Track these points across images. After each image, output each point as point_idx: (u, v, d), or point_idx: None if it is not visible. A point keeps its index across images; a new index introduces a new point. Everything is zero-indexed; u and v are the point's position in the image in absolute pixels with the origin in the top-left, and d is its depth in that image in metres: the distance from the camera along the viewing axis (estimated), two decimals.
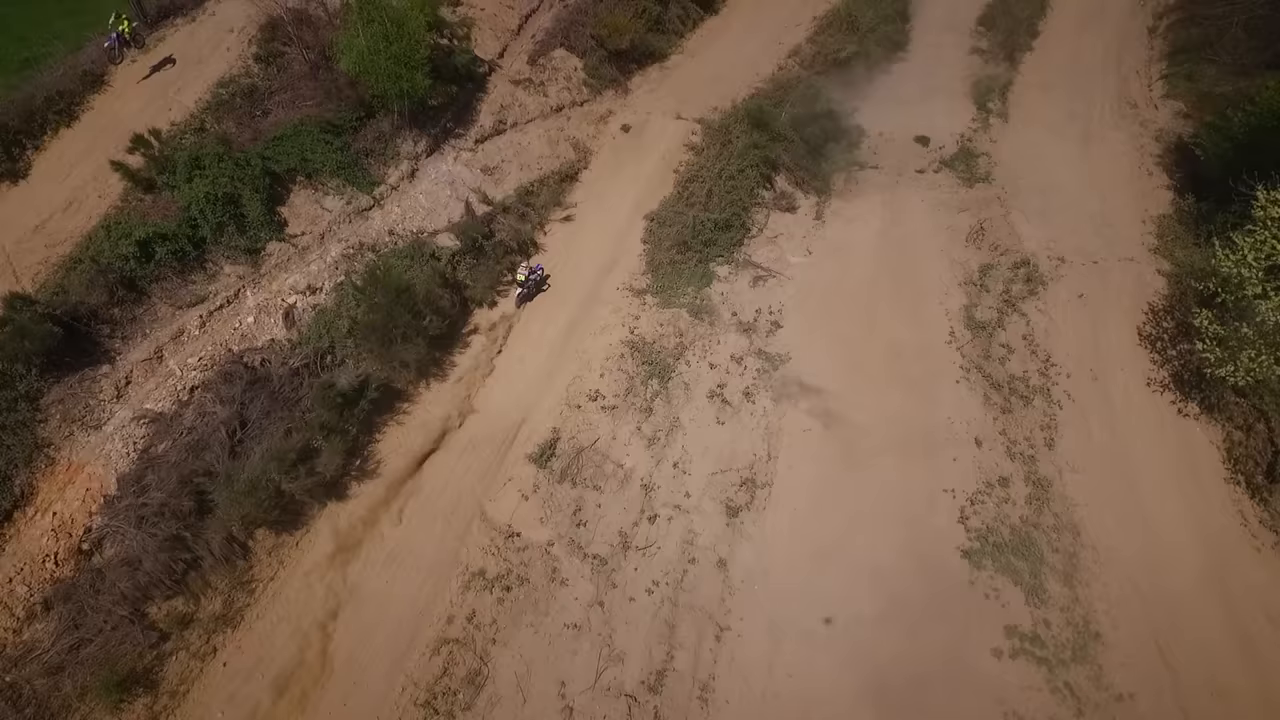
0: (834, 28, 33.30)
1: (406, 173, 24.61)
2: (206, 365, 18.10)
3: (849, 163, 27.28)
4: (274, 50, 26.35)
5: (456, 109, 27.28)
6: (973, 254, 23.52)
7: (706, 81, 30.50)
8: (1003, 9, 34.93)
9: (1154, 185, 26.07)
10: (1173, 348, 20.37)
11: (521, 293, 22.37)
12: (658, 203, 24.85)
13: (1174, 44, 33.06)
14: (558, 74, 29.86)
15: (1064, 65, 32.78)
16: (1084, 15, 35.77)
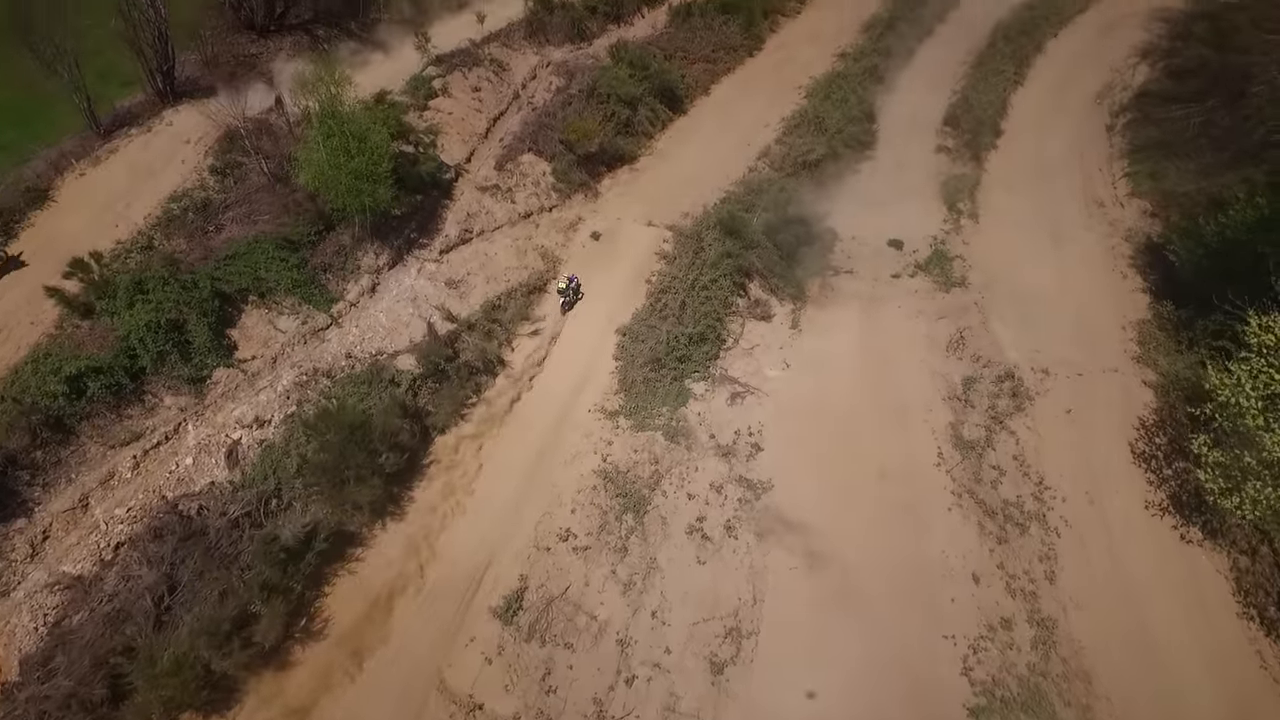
0: (802, 129, 33.46)
1: (367, 288, 23.58)
2: (136, 516, 16.45)
3: (823, 268, 26.79)
4: (231, 161, 25.59)
5: (421, 218, 26.53)
6: (954, 365, 22.84)
7: (677, 184, 30.22)
8: (965, 108, 35.47)
9: (1129, 288, 25.85)
10: (1168, 466, 19.59)
11: (565, 301, 24.60)
12: (630, 315, 23.99)
13: (1133, 142, 33.61)
14: (526, 179, 29.40)
15: (1029, 163, 33.12)
16: (1043, 113, 36.48)
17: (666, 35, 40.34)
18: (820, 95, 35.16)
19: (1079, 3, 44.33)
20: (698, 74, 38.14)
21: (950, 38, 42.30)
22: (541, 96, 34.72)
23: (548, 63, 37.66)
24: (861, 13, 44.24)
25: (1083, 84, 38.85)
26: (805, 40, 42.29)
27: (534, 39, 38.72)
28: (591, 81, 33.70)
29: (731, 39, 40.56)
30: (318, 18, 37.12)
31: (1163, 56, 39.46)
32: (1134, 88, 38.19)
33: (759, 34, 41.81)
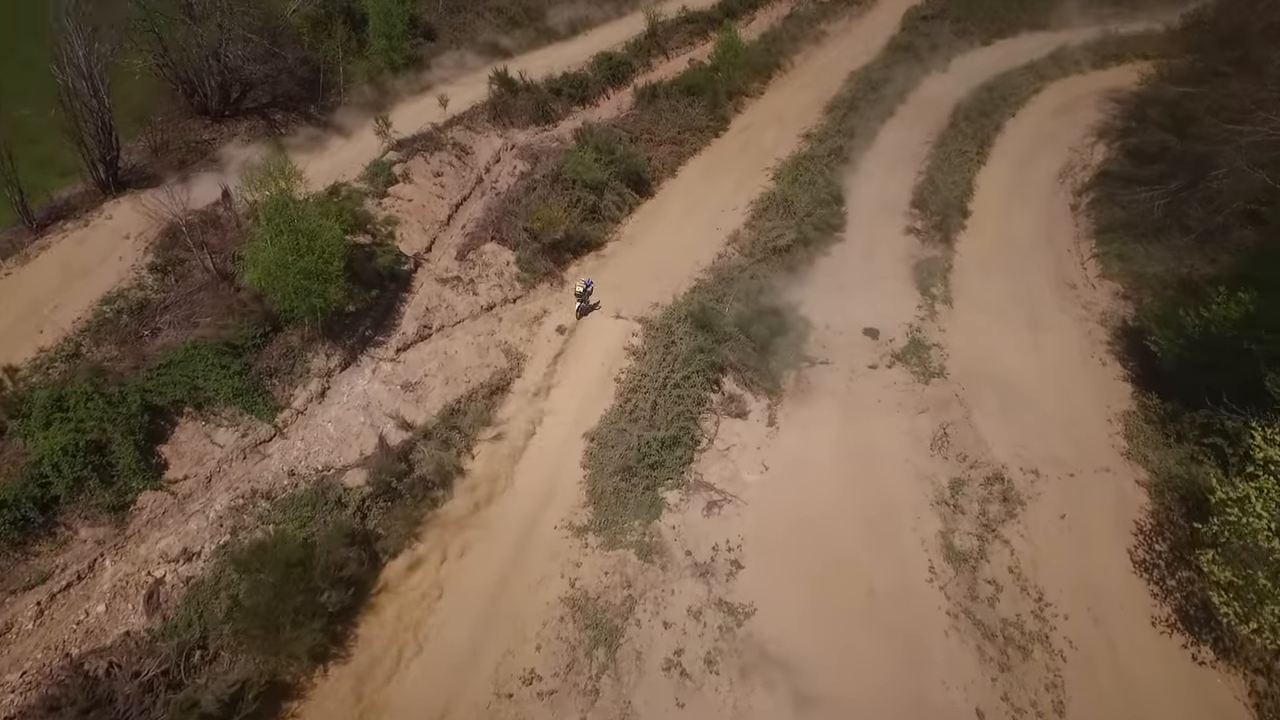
0: (771, 212, 33.04)
1: (316, 393, 21.99)
2: (32, 682, 14.37)
3: (798, 359, 25.84)
4: (173, 258, 24.14)
5: (377, 314, 25.19)
6: (940, 465, 21.76)
7: (645, 272, 29.37)
8: (932, 190, 35.47)
9: (1111, 376, 25.24)
10: (1171, 577, 18.50)
11: (580, 306, 26.71)
12: (598, 417, 22.65)
13: (1098, 222, 33.73)
14: (488, 269, 28.31)
15: (998, 244, 32.96)
16: (1008, 193, 36.65)
17: (632, 117, 40.23)
18: (788, 178, 34.92)
19: (1034, 85, 45.35)
20: (664, 156, 37.88)
21: (911, 118, 42.81)
22: (505, 181, 34.01)
23: (512, 145, 37.15)
24: (824, 94, 44.75)
25: (1044, 163, 39.35)
26: (770, 121, 42.50)
27: (498, 121, 38.27)
28: (557, 166, 33.11)
29: (697, 120, 40.57)
30: (275, 102, 36.28)
31: (1119, 136, 40.28)
32: (1094, 167, 38.78)
33: (724, 115, 41.93)
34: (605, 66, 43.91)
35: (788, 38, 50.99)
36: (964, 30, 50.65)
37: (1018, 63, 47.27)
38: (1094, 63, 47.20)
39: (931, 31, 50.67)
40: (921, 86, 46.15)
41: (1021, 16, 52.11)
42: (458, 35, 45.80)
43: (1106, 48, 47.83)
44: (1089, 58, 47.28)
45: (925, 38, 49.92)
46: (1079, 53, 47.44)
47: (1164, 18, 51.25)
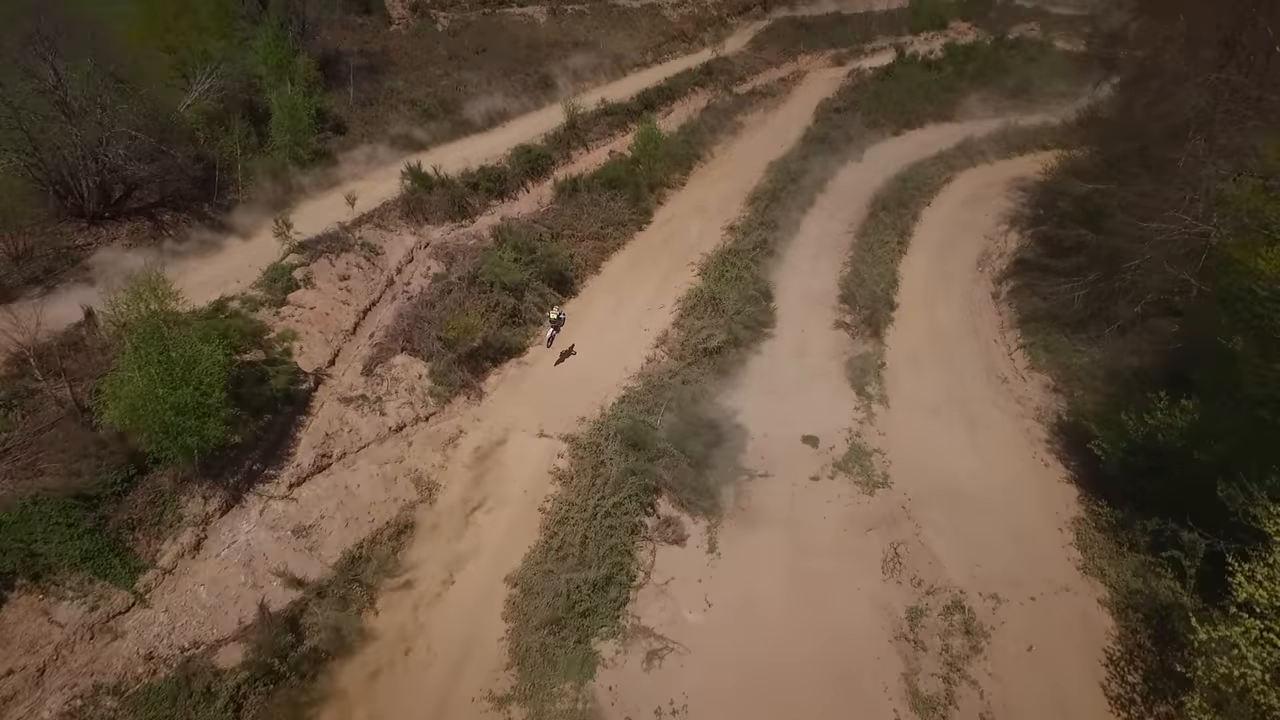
0: (699, 310, 31.91)
1: (189, 545, 18.91)
2: None
3: (737, 472, 24.19)
4: (20, 390, 20.90)
5: (269, 443, 22.35)
6: (895, 592, 20.16)
7: (571, 380, 27.53)
8: (858, 282, 35.20)
9: (1055, 479, 24.49)
10: (1149, 713, 17.11)
11: (551, 335, 28.56)
12: (521, 557, 20.25)
13: (1021, 311, 33.94)
14: (398, 385, 25.91)
15: (927, 337, 32.64)
16: (932, 283, 36.79)
17: (553, 212, 39.10)
18: (715, 273, 34.04)
19: (945, 175, 46.72)
20: (587, 252, 36.65)
21: (832, 208, 43.19)
22: (419, 283, 31.96)
23: (426, 244, 35.30)
24: (744, 185, 44.86)
25: (962, 251, 39.95)
26: (693, 213, 42.11)
27: (411, 219, 36.43)
28: (474, 267, 31.34)
29: (620, 214, 39.73)
30: (164, 201, 33.52)
31: (1029, 224, 41.48)
32: (1009, 254, 39.57)
33: (647, 208, 41.30)
34: (524, 159, 42.97)
35: (706, 129, 51.51)
36: (875, 122, 52.28)
37: (928, 153, 48.81)
38: (998, 153, 49.19)
39: (844, 123, 52.08)
40: (839, 176, 46.92)
41: (928, 109, 54.33)
42: (369, 128, 44.25)
43: (1009, 139, 50.01)
44: (994, 148, 49.27)
45: (839, 129, 51.20)
46: (984, 144, 49.39)
47: (1058, 112, 54.49)
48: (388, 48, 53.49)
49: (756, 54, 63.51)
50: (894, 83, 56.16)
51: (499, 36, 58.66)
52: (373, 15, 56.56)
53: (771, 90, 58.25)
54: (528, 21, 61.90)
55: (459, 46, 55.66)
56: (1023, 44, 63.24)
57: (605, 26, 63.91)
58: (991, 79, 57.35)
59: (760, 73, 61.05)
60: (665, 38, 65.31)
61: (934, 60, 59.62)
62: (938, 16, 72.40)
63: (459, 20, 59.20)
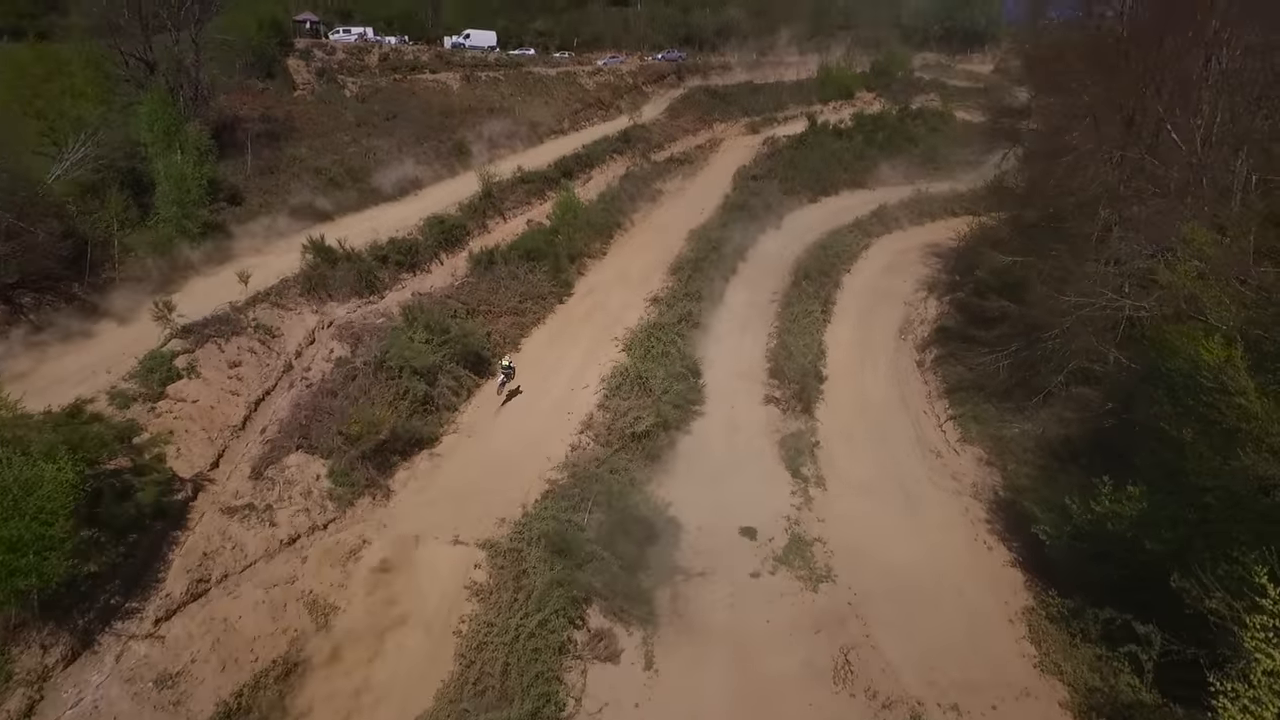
0: (625, 389, 30.34)
1: (18, 713, 15.60)
2: None
3: (672, 571, 22.34)
4: None
5: (132, 570, 19.23)
6: (848, 706, 18.51)
7: (489, 474, 25.29)
8: (785, 355, 34.51)
9: (999, 562, 23.62)
10: None
11: (502, 381, 29.48)
12: (433, 694, 17.66)
13: (947, 381, 33.79)
14: (293, 488, 23.13)
15: (858, 410, 31.98)
16: (858, 353, 36.50)
17: (468, 286, 37.23)
18: (640, 350, 32.67)
19: (863, 242, 47.36)
20: (505, 328, 34.80)
21: (755, 277, 42.87)
22: (320, 369, 29.35)
23: (329, 323, 32.79)
24: (666, 254, 44.20)
25: (884, 319, 40.04)
26: (615, 283, 41.00)
27: (313, 296, 33.87)
28: (381, 350, 28.94)
29: (539, 287, 38.21)
30: (25, 282, 30.01)
31: (947, 290, 42.13)
32: (930, 321, 39.91)
33: (567, 280, 39.96)
34: (437, 230, 41.20)
35: (626, 197, 51.04)
36: (792, 189, 52.98)
37: (845, 220, 49.53)
38: (912, 220, 50.42)
39: (762, 190, 52.56)
40: (760, 244, 46.92)
41: (842, 176, 55.57)
42: (269, 199, 41.71)
43: (921, 206, 51.42)
44: (907, 215, 50.49)
45: (757, 197, 51.58)
46: (898, 211, 50.58)
47: (964, 179, 56.59)
48: (292, 114, 51.27)
49: (673, 122, 64.19)
50: (808, 151, 57.41)
51: (410, 103, 57.31)
52: (276, 80, 54.30)
53: (689, 157, 58.64)
54: (440, 88, 60.84)
55: (368, 113, 53.96)
56: (925, 114, 66.19)
57: (521, 93, 63.50)
58: (900, 147, 59.40)
59: (678, 140, 61.56)
60: (582, 105, 65.39)
61: (844, 129, 61.44)
62: (844, 87, 75.38)
63: (368, 86, 57.64)
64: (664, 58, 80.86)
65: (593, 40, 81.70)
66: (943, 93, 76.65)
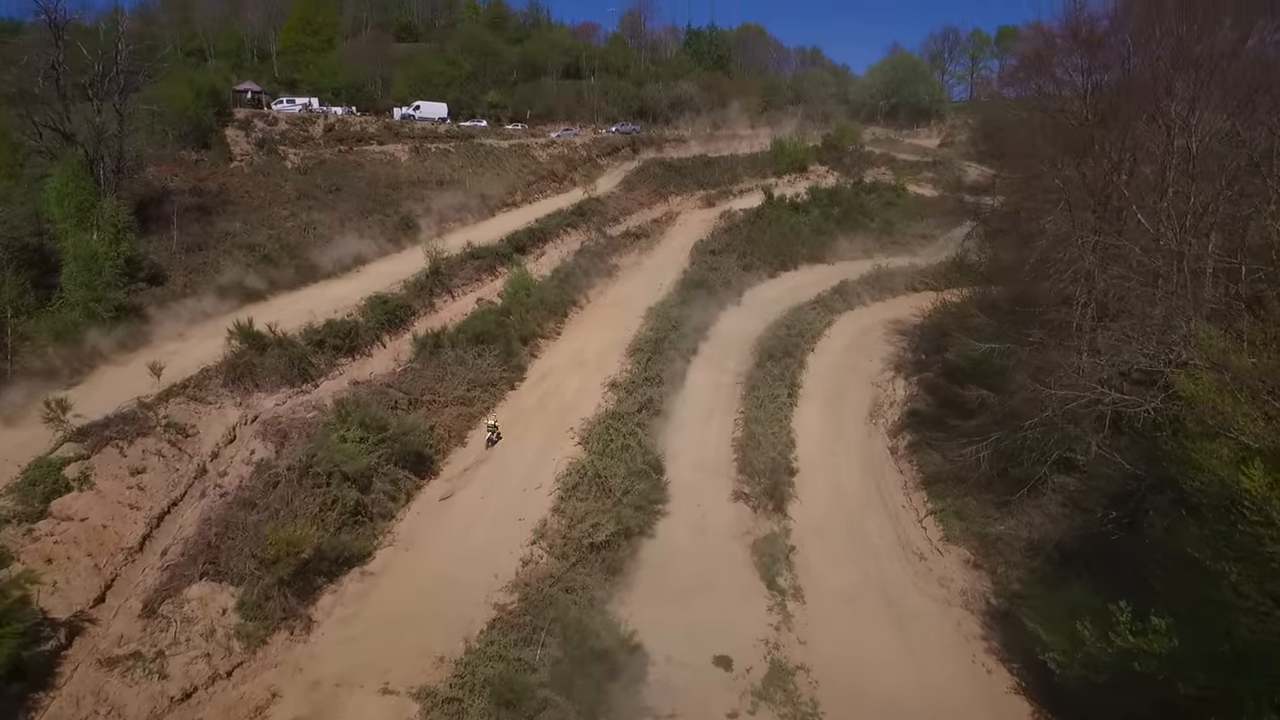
0: (583, 489, 27.71)
1: None
2: None
3: (638, 714, 19.39)
4: None
5: None
6: None
7: (429, 598, 22.14)
8: (753, 445, 32.41)
9: (1001, 689, 21.25)
10: None
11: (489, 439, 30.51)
12: None
13: (923, 470, 32.02)
14: (192, 627, 19.68)
15: (832, 505, 29.87)
16: (828, 439, 34.66)
17: (411, 373, 34.45)
18: (598, 443, 30.19)
19: (825, 319, 46.18)
20: (451, 420, 32.00)
21: (717, 357, 41.09)
22: (238, 472, 26.18)
23: (254, 418, 29.68)
24: (624, 333, 42.19)
25: (853, 401, 38.42)
26: (570, 367, 38.67)
27: (238, 386, 30.78)
28: (308, 453, 25.86)
29: (489, 372, 35.63)
30: None
31: (914, 370, 40.86)
32: (899, 403, 38.42)
33: (519, 364, 37.55)
34: (380, 310, 38.55)
35: (581, 273, 49.23)
36: (750, 264, 51.92)
37: (805, 296, 48.40)
38: (873, 295, 49.57)
39: (720, 265, 51.35)
40: (721, 322, 45.36)
41: (800, 251, 54.83)
42: (195, 278, 38.70)
43: (881, 282, 50.70)
44: (868, 291, 49.65)
45: (716, 272, 50.32)
46: (859, 287, 49.73)
47: (921, 253, 56.47)
48: (226, 186, 48.64)
49: (628, 194, 63.26)
50: (765, 225, 56.76)
51: (356, 175, 55.18)
52: (212, 150, 51.69)
53: (645, 231, 57.46)
54: (388, 159, 58.95)
55: (310, 185, 51.59)
56: (880, 188, 66.69)
57: (472, 165, 62.00)
58: (856, 221, 59.27)
59: (633, 213, 60.48)
60: (535, 177, 64.14)
61: (801, 203, 61.23)
62: (798, 160, 75.94)
63: (311, 157, 55.40)
64: (618, 130, 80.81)
65: (546, 113, 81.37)
66: (894, 166, 77.83)
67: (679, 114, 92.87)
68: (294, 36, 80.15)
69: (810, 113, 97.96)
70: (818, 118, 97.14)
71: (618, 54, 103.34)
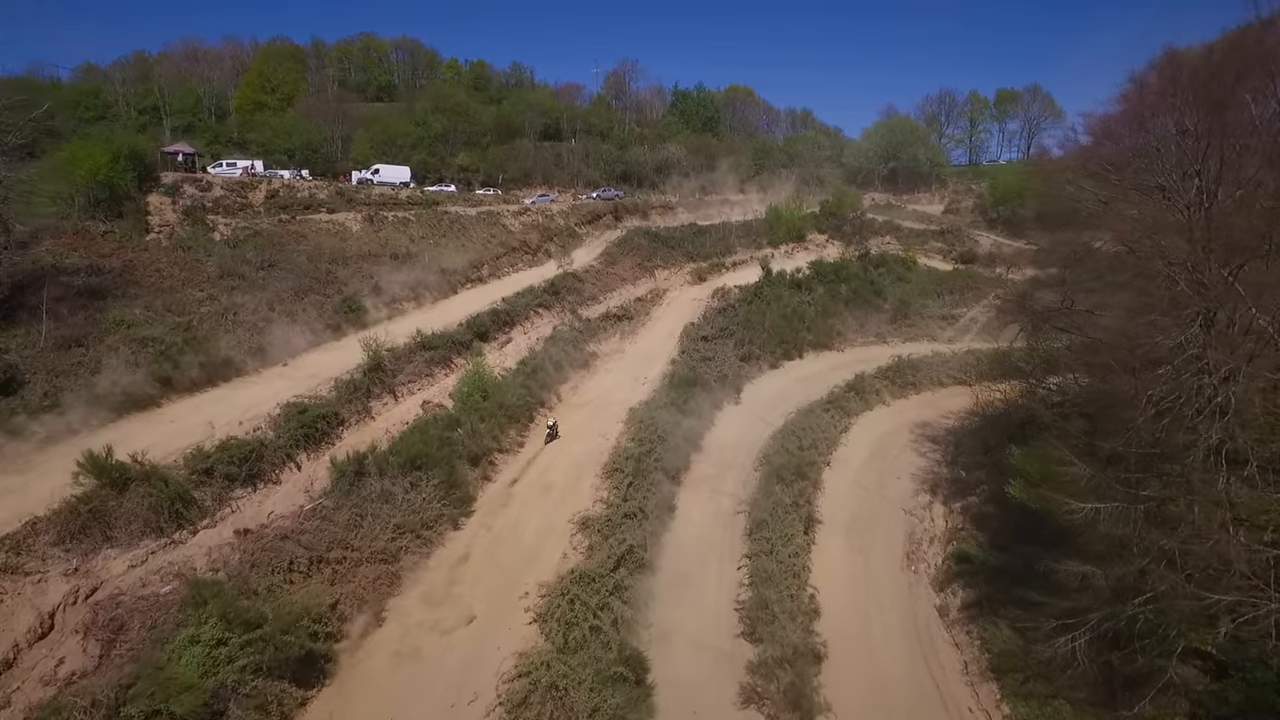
0: (534, 702, 19.76)
1: None
2: None
3: None
4: None
5: None
6: None
7: None
8: (765, 616, 24.56)
9: None
10: None
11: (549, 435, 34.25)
12: None
13: (988, 647, 24.38)
14: None
15: (874, 707, 21.96)
16: (858, 596, 26.97)
17: (321, 514, 26.65)
18: (559, 625, 22.35)
19: (840, 423, 38.86)
20: (363, 588, 24.08)
21: (713, 477, 33.59)
22: (24, 702, 18.07)
23: (89, 593, 21.78)
24: (601, 444, 34.74)
25: (883, 536, 30.81)
26: (533, 495, 31.02)
27: (78, 543, 23.05)
28: (128, 678, 17.85)
29: (424, 509, 27.93)
30: None
31: (954, 492, 33.44)
32: (940, 537, 30.88)
33: (466, 494, 29.84)
34: (295, 422, 30.99)
35: (552, 365, 41.87)
36: (749, 353, 44.79)
37: (815, 393, 41.19)
38: (893, 391, 42.43)
39: (714, 354, 44.20)
40: (716, 427, 37.99)
41: (805, 336, 47.81)
42: (63, 382, 31.06)
43: (902, 374, 43.58)
44: (887, 386, 42.50)
45: (709, 362, 43.11)
46: (876, 381, 42.54)
47: (942, 336, 49.64)
48: (134, 263, 41.34)
49: (610, 269, 56.50)
50: (765, 305, 49.82)
51: (296, 248, 48.10)
52: (125, 220, 44.52)
53: (628, 312, 50.47)
54: (336, 230, 52.04)
55: (238, 261, 44.34)
56: (888, 261, 60.18)
57: (433, 236, 55.23)
58: (867, 300, 52.51)
59: (614, 290, 53.59)
60: (505, 249, 57.42)
61: (803, 279, 54.50)
62: (795, 229, 69.86)
63: (244, 228, 48.36)
64: (599, 196, 74.72)
65: (522, 177, 75.37)
66: (898, 235, 71.89)
67: (665, 178, 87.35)
68: (251, 94, 74.16)
69: (805, 176, 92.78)
70: (812, 182, 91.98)
71: (601, 115, 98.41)
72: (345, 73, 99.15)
